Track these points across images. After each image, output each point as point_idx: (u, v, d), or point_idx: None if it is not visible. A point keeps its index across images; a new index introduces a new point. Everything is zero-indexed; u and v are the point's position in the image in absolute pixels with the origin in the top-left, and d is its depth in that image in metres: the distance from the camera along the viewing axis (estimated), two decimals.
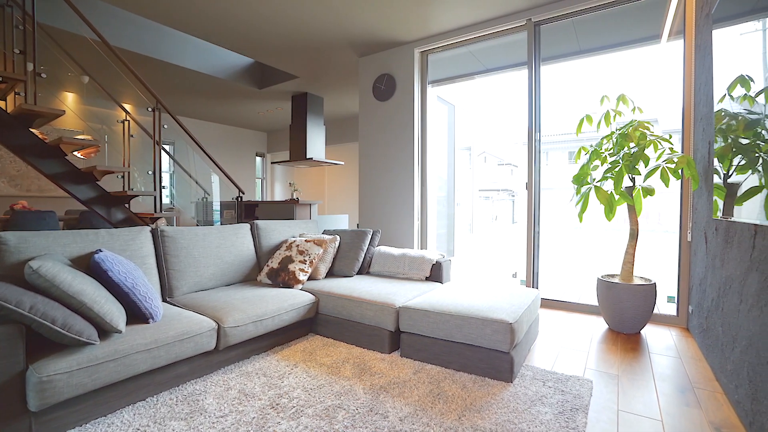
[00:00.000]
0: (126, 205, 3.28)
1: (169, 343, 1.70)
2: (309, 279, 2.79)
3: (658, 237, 11.02)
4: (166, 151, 4.89)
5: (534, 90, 3.30)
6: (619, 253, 3.05)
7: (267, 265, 2.75)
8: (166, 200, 5.96)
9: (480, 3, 3.15)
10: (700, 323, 2.34)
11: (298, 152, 6.00)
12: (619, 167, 2.50)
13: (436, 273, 2.86)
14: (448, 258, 3.01)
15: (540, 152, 3.32)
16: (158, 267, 2.32)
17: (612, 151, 2.66)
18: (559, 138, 18.10)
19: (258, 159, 9.02)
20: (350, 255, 2.94)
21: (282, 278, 2.62)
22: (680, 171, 2.36)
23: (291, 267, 2.66)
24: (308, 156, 5.91)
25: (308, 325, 2.58)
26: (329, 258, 2.90)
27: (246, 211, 5.87)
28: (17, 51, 2.64)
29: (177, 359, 1.75)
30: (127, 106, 5.50)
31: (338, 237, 3.01)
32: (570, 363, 2.13)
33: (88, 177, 3.02)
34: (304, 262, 2.70)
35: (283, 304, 2.28)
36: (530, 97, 3.30)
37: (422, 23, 3.52)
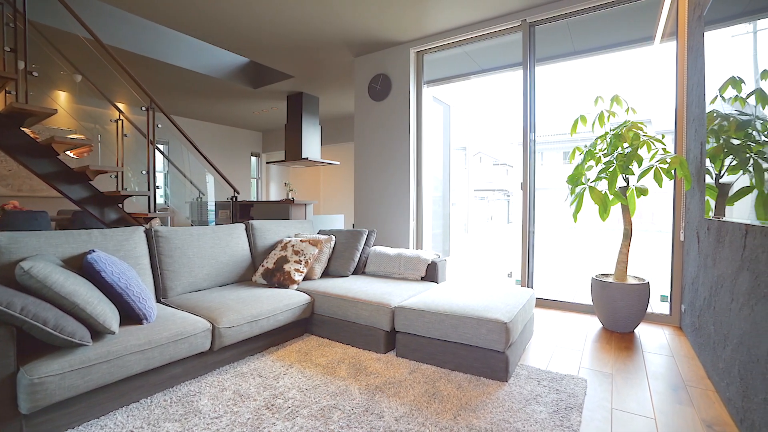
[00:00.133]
0: (119, 205, 3.25)
1: (163, 344, 1.69)
2: (304, 279, 2.78)
3: (652, 237, 11.12)
4: (161, 151, 4.85)
5: (529, 90, 3.32)
6: (613, 253, 3.07)
7: (262, 266, 2.74)
8: (161, 200, 5.93)
9: (475, 3, 3.16)
10: (693, 322, 2.37)
11: (294, 152, 5.98)
12: (613, 167, 2.52)
13: (432, 273, 2.86)
14: (444, 258, 3.01)
15: (535, 152, 3.33)
16: (152, 267, 2.30)
17: (606, 152, 2.68)
18: (554, 138, 18.21)
19: (253, 159, 8.98)
20: (346, 255, 2.93)
21: (277, 278, 2.62)
22: (673, 171, 2.38)
23: (286, 267, 2.65)
24: (304, 156, 5.90)
25: (304, 326, 2.57)
26: (325, 258, 2.89)
27: (241, 211, 5.84)
28: (8, 49, 2.61)
29: (171, 360, 1.74)
30: (121, 106, 5.46)
31: (334, 237, 3.00)
32: (565, 362, 2.14)
33: (81, 177, 2.99)
34: (300, 263, 2.69)
35: (279, 305, 2.27)
36: (525, 98, 3.32)
37: (418, 23, 3.52)
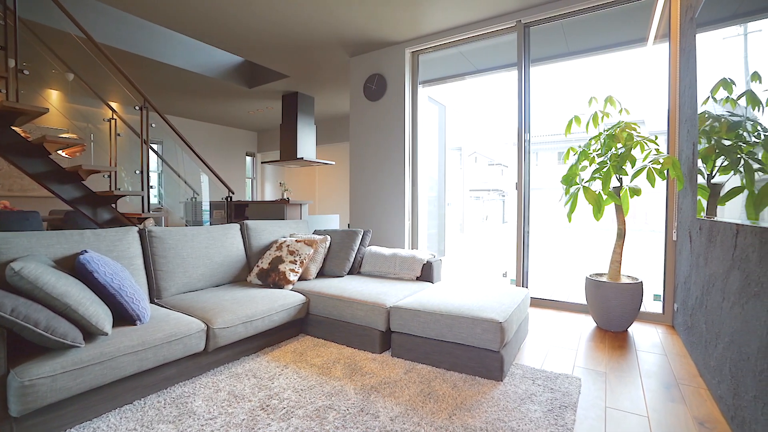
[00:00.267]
0: (113, 205, 3.22)
1: (157, 345, 1.68)
2: (299, 279, 2.77)
3: (645, 236, 11.22)
4: (154, 151, 4.81)
5: (523, 91, 3.33)
6: (607, 253, 3.09)
7: (257, 266, 2.73)
8: (154, 200, 5.88)
9: (470, 4, 3.17)
10: (685, 321, 2.39)
11: (289, 152, 5.96)
12: (607, 168, 2.54)
13: (427, 273, 2.86)
14: (439, 258, 3.02)
15: (530, 153, 3.35)
16: (146, 268, 2.28)
17: (600, 152, 2.70)
18: (549, 138, 18.31)
19: (248, 159, 8.94)
20: (341, 255, 2.93)
21: (272, 279, 2.61)
22: (666, 172, 2.40)
23: (281, 267, 2.64)
24: (299, 156, 5.88)
25: (299, 326, 2.56)
26: (320, 258, 2.89)
27: (236, 211, 5.81)
28: None
29: (165, 361, 1.73)
30: (114, 105, 5.41)
31: (329, 237, 3.00)
32: (559, 361, 2.16)
33: (73, 176, 2.96)
34: (295, 263, 2.68)
35: (274, 305, 2.26)
36: (520, 98, 3.33)
37: (413, 23, 3.53)
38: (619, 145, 2.60)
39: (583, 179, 2.70)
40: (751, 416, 1.30)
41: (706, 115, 1.91)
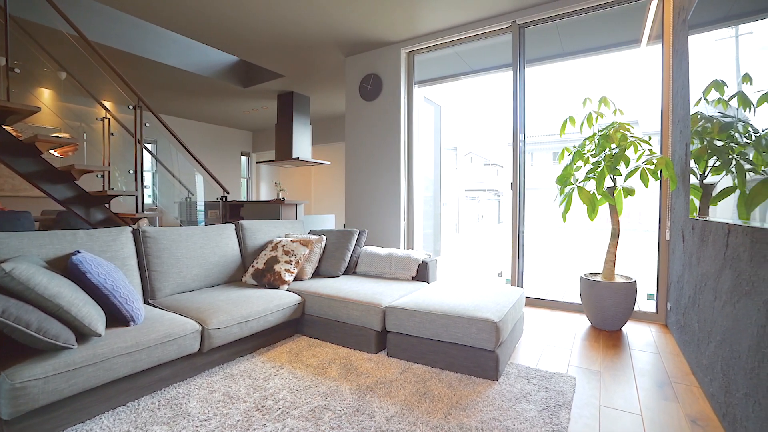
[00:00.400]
0: (106, 205, 3.19)
1: (151, 346, 1.67)
2: (295, 279, 2.76)
3: (639, 236, 11.32)
4: (149, 150, 4.78)
5: (519, 91, 3.35)
6: (602, 252, 3.11)
7: (252, 266, 2.72)
8: (149, 200, 5.83)
9: (465, 5, 3.18)
10: (678, 319, 2.42)
11: (284, 152, 5.95)
12: (601, 168, 2.56)
13: (423, 273, 2.87)
14: (435, 258, 3.03)
15: (525, 153, 3.36)
16: (140, 268, 2.27)
17: (594, 152, 2.72)
18: (544, 139, 18.41)
19: (243, 158, 8.90)
20: (336, 255, 2.93)
21: (267, 279, 2.60)
22: (659, 172, 2.43)
23: (276, 267, 2.63)
24: (294, 156, 5.87)
25: (294, 326, 2.56)
26: (315, 258, 2.88)
27: (231, 211, 5.78)
28: None
29: (159, 362, 1.72)
30: (107, 104, 5.35)
31: (324, 237, 2.99)
32: (554, 360, 2.17)
33: (66, 176, 2.93)
34: (290, 263, 2.67)
35: (269, 305, 2.26)
36: (515, 99, 3.35)
37: (409, 24, 3.53)
38: (613, 146, 2.62)
39: (578, 179, 2.72)
40: (742, 413, 1.31)
41: (699, 116, 1.93)
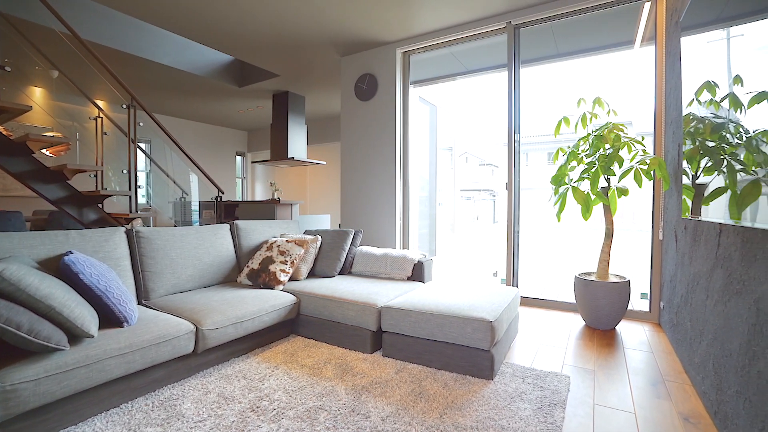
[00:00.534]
0: (99, 205, 3.16)
1: (145, 347, 1.65)
2: (290, 280, 2.75)
3: (633, 236, 11.41)
4: (142, 150, 4.74)
5: (514, 92, 3.36)
6: (596, 252, 3.14)
7: (247, 266, 2.71)
8: (142, 200, 5.78)
9: (461, 5, 3.19)
10: (671, 318, 2.44)
11: (279, 152, 5.93)
12: (595, 168, 2.57)
13: (418, 272, 2.87)
14: (430, 258, 3.03)
15: (520, 153, 3.38)
16: (134, 269, 2.25)
17: (588, 153, 2.73)
18: (539, 139, 18.52)
19: (238, 158, 8.86)
20: (332, 255, 2.92)
21: (263, 279, 2.59)
22: (652, 172, 2.45)
23: (272, 268, 2.62)
24: (289, 155, 5.85)
25: (289, 326, 2.55)
26: (311, 258, 2.87)
27: (226, 212, 5.75)
28: None
29: (153, 363, 1.70)
30: (100, 103, 5.31)
31: (320, 237, 2.99)
32: (548, 359, 2.18)
33: (58, 176, 2.90)
34: (285, 263, 2.66)
35: (264, 306, 2.25)
36: (510, 99, 3.36)
37: (404, 24, 3.53)
38: (607, 146, 2.63)
39: (572, 179, 2.73)
40: (733, 411, 1.33)
41: (691, 117, 1.95)
